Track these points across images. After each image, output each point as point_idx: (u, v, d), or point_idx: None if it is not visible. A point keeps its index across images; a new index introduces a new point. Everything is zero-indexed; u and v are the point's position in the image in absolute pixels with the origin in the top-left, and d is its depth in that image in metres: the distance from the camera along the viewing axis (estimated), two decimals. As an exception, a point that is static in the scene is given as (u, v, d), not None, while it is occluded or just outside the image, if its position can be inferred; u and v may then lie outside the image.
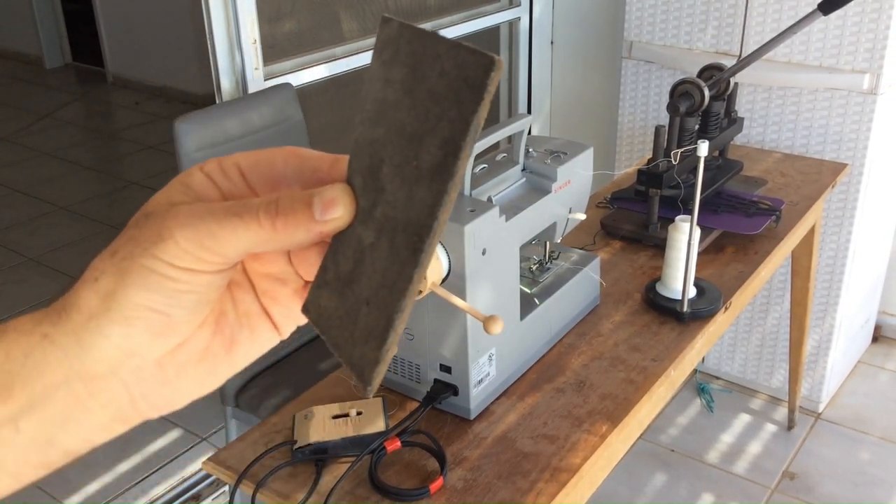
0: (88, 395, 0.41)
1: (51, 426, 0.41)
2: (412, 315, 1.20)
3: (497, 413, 1.24)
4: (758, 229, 1.73)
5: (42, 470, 0.42)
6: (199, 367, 0.45)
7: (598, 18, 2.91)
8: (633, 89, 2.55)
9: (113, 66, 6.17)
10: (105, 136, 5.34)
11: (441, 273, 1.13)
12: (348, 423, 1.16)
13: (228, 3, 1.91)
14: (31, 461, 0.41)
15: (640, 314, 1.49)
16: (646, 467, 2.34)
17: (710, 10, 2.32)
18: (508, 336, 1.26)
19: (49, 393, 0.40)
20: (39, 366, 0.40)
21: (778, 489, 2.25)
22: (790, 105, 2.27)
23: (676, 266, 1.48)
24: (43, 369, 0.40)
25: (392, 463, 1.13)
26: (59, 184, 4.45)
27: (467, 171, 1.18)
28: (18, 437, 0.40)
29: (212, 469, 1.15)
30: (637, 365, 1.34)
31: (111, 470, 2.39)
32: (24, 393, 0.40)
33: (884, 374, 2.72)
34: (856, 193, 2.24)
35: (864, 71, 2.12)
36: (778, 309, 2.47)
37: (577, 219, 1.43)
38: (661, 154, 1.71)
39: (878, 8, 2.06)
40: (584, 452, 1.15)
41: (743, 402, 2.59)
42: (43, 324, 0.42)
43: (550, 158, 1.35)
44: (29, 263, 3.59)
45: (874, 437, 2.44)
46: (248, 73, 1.98)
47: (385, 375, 1.27)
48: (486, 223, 1.14)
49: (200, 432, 2.53)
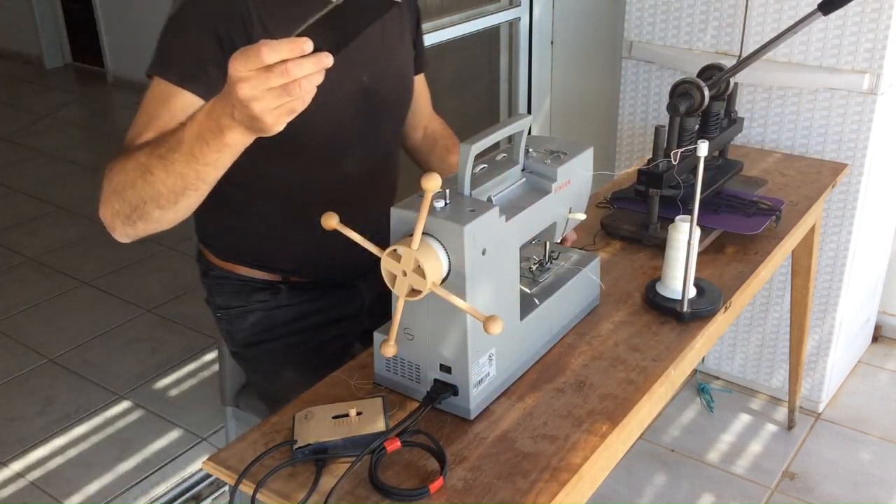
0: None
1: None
2: (412, 315, 1.20)
3: (497, 413, 1.24)
4: (758, 229, 1.73)
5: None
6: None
7: (598, 18, 2.91)
8: (633, 89, 2.55)
9: (113, 66, 6.18)
10: (105, 136, 5.34)
11: (441, 273, 1.13)
12: (348, 423, 1.16)
13: (228, 3, 1.91)
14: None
15: (640, 314, 1.49)
16: (646, 467, 2.34)
17: (710, 10, 2.32)
18: (508, 336, 1.26)
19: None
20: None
21: (778, 489, 2.25)
22: (790, 105, 2.27)
23: (676, 266, 1.48)
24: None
25: (392, 463, 1.13)
26: (59, 184, 4.45)
27: (467, 171, 1.18)
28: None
29: (212, 469, 1.15)
30: (637, 365, 1.34)
31: (111, 470, 2.39)
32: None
33: (884, 374, 2.72)
34: (856, 193, 2.24)
35: (864, 71, 2.12)
36: (778, 309, 2.47)
37: (577, 219, 1.43)
38: (661, 154, 1.71)
39: (878, 8, 2.06)
40: (584, 452, 1.15)
41: (743, 402, 2.59)
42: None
43: (550, 158, 1.35)
44: (29, 263, 3.59)
45: (874, 437, 2.44)
46: (248, 73, 1.97)
47: (385, 375, 1.28)
48: (486, 223, 1.14)
49: (200, 432, 2.53)
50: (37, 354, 2.94)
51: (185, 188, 1.09)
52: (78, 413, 2.63)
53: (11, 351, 2.96)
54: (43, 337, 3.04)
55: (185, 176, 1.07)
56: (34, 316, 3.19)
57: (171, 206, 1.13)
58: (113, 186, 1.16)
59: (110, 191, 1.17)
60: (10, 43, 6.78)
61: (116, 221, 1.19)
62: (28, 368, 2.86)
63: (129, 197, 1.14)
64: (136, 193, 1.13)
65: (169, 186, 1.09)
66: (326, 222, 1.17)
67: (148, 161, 1.10)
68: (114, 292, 3.34)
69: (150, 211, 1.14)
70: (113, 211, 1.18)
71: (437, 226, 1.12)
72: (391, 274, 1.13)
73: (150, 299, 3.27)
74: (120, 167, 1.15)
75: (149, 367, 2.86)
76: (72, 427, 2.57)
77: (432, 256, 1.11)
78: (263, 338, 1.60)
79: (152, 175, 1.09)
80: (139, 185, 1.12)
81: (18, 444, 2.50)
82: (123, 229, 1.21)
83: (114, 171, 1.16)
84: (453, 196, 1.17)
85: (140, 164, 1.11)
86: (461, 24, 2.70)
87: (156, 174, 1.09)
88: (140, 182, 1.12)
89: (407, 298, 1.13)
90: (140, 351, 2.95)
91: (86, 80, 6.37)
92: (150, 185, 1.11)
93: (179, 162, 1.06)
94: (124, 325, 3.11)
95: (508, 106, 3.14)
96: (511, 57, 3.05)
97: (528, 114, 2.47)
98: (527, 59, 3.02)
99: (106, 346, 2.98)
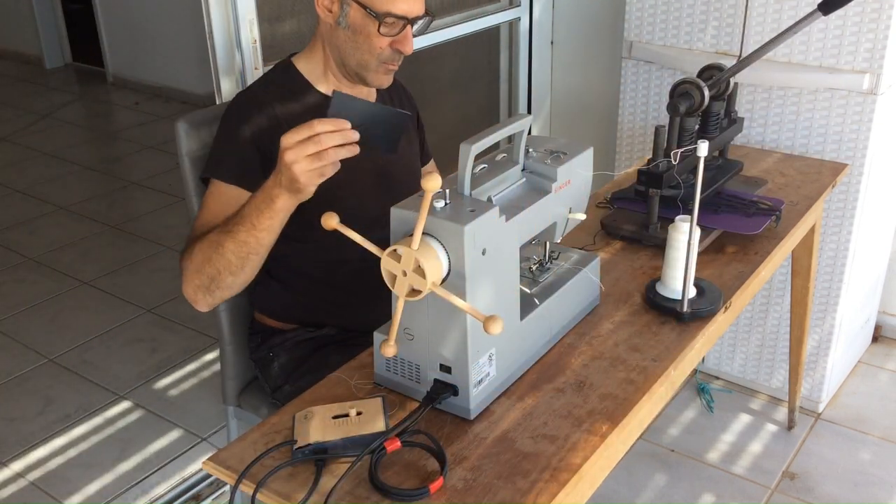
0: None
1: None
2: (412, 315, 1.20)
3: (497, 413, 1.24)
4: (758, 229, 1.73)
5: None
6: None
7: (598, 18, 2.91)
8: (633, 89, 2.55)
9: (113, 66, 6.18)
10: (105, 136, 5.35)
11: (441, 273, 1.13)
12: (348, 423, 1.16)
13: (228, 3, 1.91)
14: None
15: (640, 314, 1.49)
16: (646, 467, 2.34)
17: (710, 10, 2.32)
18: (508, 336, 1.26)
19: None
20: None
21: (778, 489, 2.25)
22: (790, 105, 2.27)
23: (676, 266, 1.48)
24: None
25: (392, 463, 1.13)
26: (59, 184, 4.45)
27: (467, 171, 1.18)
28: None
29: (212, 469, 1.15)
30: (637, 365, 1.34)
31: (111, 470, 2.39)
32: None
33: (884, 374, 2.72)
34: (856, 193, 2.24)
35: (864, 71, 2.12)
36: (778, 309, 2.47)
37: (577, 219, 1.43)
38: (661, 154, 1.71)
39: (878, 8, 2.06)
40: (584, 452, 1.15)
41: (743, 402, 2.59)
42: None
43: (550, 158, 1.35)
44: (29, 263, 3.59)
45: (874, 437, 2.44)
46: (248, 73, 1.98)
47: (385, 375, 1.28)
48: (486, 223, 1.14)
49: (200, 432, 2.53)
50: (37, 354, 2.94)
51: (249, 253, 1.38)
52: (78, 413, 2.63)
53: (11, 351, 2.96)
54: (43, 337, 3.04)
55: (248, 243, 1.37)
56: (34, 316, 3.19)
57: (240, 271, 1.41)
58: (193, 266, 1.43)
59: (192, 270, 1.44)
60: (10, 43, 6.78)
61: (199, 294, 1.46)
62: (28, 368, 2.86)
63: (207, 270, 1.42)
64: (212, 266, 1.41)
65: (236, 254, 1.38)
66: (327, 222, 1.18)
67: (218, 237, 1.40)
68: (114, 292, 3.34)
69: (224, 278, 1.42)
70: (195, 286, 1.45)
71: (437, 226, 1.12)
72: (391, 274, 1.13)
73: (150, 299, 3.27)
74: (197, 249, 1.43)
75: (149, 367, 2.86)
76: (72, 427, 2.57)
77: (432, 256, 1.11)
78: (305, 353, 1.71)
79: (223, 248, 1.39)
80: (214, 259, 1.40)
81: (18, 444, 2.50)
82: (205, 299, 1.47)
83: (192, 253, 1.44)
84: (453, 196, 1.17)
85: (212, 241, 1.40)
86: (461, 24, 2.70)
87: (226, 246, 1.38)
88: (214, 255, 1.40)
89: (407, 298, 1.13)
90: (140, 351, 2.95)
91: (86, 80, 6.37)
92: (221, 255, 1.39)
93: (242, 231, 1.36)
94: (124, 325, 3.11)
95: (508, 106, 3.14)
96: (511, 57, 3.05)
97: (528, 114, 2.48)
98: (527, 59, 3.02)
99: (106, 346, 2.98)
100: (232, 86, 1.98)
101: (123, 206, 4.20)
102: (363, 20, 1.52)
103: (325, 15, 1.56)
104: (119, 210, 4.15)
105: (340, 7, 1.53)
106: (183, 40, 5.51)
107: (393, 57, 1.57)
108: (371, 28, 1.52)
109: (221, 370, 1.82)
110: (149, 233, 3.85)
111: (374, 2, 1.50)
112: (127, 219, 4.02)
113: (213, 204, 1.52)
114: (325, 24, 1.58)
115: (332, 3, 1.54)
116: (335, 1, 1.53)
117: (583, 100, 3.06)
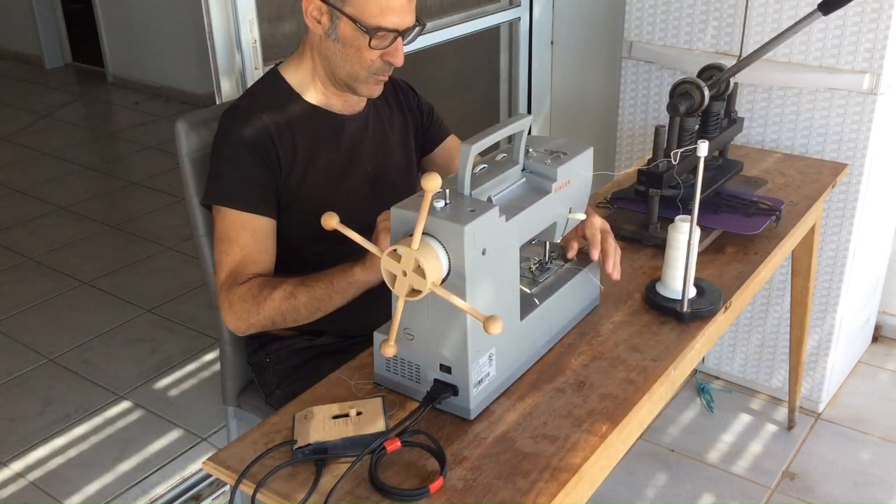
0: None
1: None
2: (412, 315, 1.20)
3: (497, 413, 1.24)
4: (758, 229, 1.73)
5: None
6: None
7: (598, 18, 2.91)
8: (633, 89, 2.55)
9: (113, 66, 6.18)
10: (105, 136, 5.35)
11: (441, 273, 1.13)
12: (348, 423, 1.16)
13: (228, 3, 1.91)
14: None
15: (640, 314, 1.49)
16: (646, 467, 2.34)
17: (710, 10, 2.32)
18: (508, 336, 1.26)
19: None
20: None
21: (778, 489, 2.25)
22: (790, 105, 2.27)
23: (676, 266, 1.48)
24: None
25: (392, 463, 1.13)
26: (59, 184, 4.45)
27: (467, 171, 1.18)
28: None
29: (212, 469, 1.15)
30: (637, 365, 1.34)
31: (111, 470, 2.39)
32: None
33: (884, 374, 2.72)
34: (856, 193, 2.24)
35: (864, 71, 2.12)
36: (778, 309, 2.47)
37: (577, 219, 1.43)
38: (661, 154, 1.71)
39: (878, 8, 2.06)
40: (584, 452, 1.15)
41: (743, 402, 2.59)
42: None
43: (550, 158, 1.35)
44: (29, 263, 3.59)
45: (874, 437, 2.44)
46: (248, 74, 1.98)
47: (385, 375, 1.28)
48: (486, 223, 1.14)
49: (200, 432, 2.53)
50: (37, 354, 2.94)
51: (318, 309, 1.45)
52: (78, 413, 2.63)
53: (11, 351, 2.96)
54: (43, 337, 3.04)
55: (322, 299, 1.44)
56: (34, 316, 3.19)
57: (303, 320, 1.47)
58: (258, 309, 1.46)
59: (251, 311, 1.47)
60: (10, 43, 6.78)
61: (249, 329, 1.50)
62: (28, 368, 2.86)
63: (273, 317, 1.46)
64: (281, 315, 1.46)
65: (307, 305, 1.44)
66: (327, 222, 1.17)
67: (294, 289, 1.45)
68: (114, 292, 3.34)
69: (280, 324, 1.48)
70: (249, 324, 1.48)
71: (437, 226, 1.12)
72: (391, 274, 1.13)
73: (150, 299, 3.27)
74: (267, 296, 1.46)
75: (149, 367, 2.86)
76: (72, 427, 2.57)
77: (432, 256, 1.11)
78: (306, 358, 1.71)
79: (295, 298, 1.44)
80: (284, 309, 1.45)
81: (18, 444, 2.50)
82: (248, 331, 1.51)
83: (259, 299, 1.46)
84: (453, 196, 1.17)
85: (287, 292, 1.45)
86: (461, 24, 2.69)
87: (298, 297, 1.44)
88: (285, 305, 1.45)
89: (407, 298, 1.13)
90: (140, 351, 2.95)
91: (86, 80, 6.37)
92: (287, 302, 1.45)
93: (319, 288, 1.43)
94: (124, 325, 3.11)
95: (508, 106, 3.14)
96: (511, 57, 3.05)
97: (528, 114, 2.48)
98: (527, 59, 3.02)
99: (106, 346, 2.98)
100: (232, 86, 1.97)
101: (123, 206, 4.20)
102: (353, 33, 1.50)
103: (314, 26, 1.53)
104: (119, 210, 4.15)
105: (330, 19, 1.50)
106: (183, 40, 5.51)
107: (383, 68, 1.55)
108: (361, 42, 1.50)
109: (221, 370, 1.82)
110: (149, 233, 3.85)
111: (365, 16, 1.47)
112: (127, 219, 4.02)
113: (237, 235, 1.52)
114: (314, 35, 1.56)
115: (322, 14, 1.51)
116: (324, 12, 1.51)
117: (583, 100, 3.06)
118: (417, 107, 1.82)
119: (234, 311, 1.48)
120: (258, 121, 1.54)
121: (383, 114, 1.74)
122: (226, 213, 1.53)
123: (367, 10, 1.47)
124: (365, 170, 1.67)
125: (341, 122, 1.65)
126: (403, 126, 1.78)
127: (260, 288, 1.47)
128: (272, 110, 1.57)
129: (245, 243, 1.51)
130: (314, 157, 1.60)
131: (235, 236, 1.51)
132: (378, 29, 1.48)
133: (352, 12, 1.48)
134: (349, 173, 1.65)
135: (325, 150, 1.62)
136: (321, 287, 1.44)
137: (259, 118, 1.55)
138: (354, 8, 1.48)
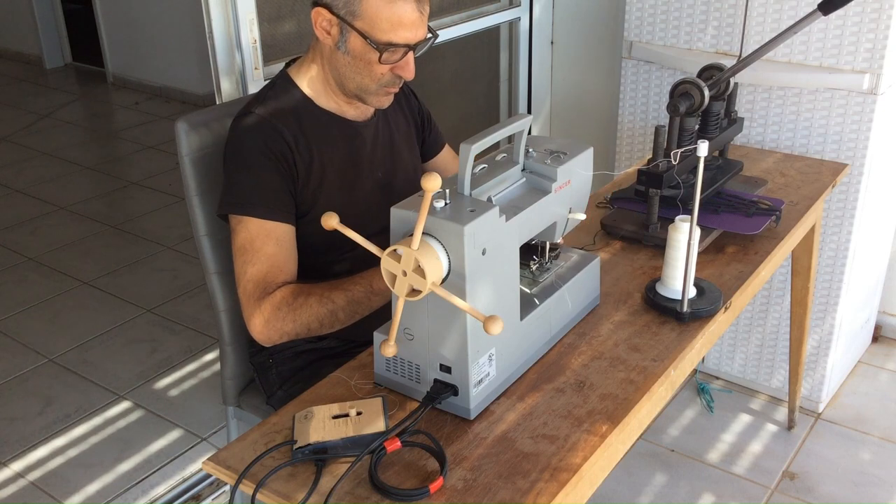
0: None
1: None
2: (412, 315, 1.20)
3: (497, 413, 1.24)
4: (758, 229, 1.73)
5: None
6: None
7: (598, 18, 2.91)
8: (633, 89, 2.55)
9: (113, 66, 6.18)
10: (105, 136, 5.34)
11: (441, 273, 1.13)
12: (348, 423, 1.16)
13: (228, 3, 1.91)
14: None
15: (640, 314, 1.49)
16: (646, 467, 2.34)
17: (710, 10, 2.32)
18: (508, 336, 1.26)
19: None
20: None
21: (778, 489, 2.25)
22: (790, 105, 2.27)
23: (676, 266, 1.48)
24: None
25: (392, 463, 1.13)
26: (59, 184, 4.45)
27: (467, 171, 1.18)
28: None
29: (212, 469, 1.15)
30: (637, 365, 1.34)
31: (111, 470, 2.39)
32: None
33: (884, 374, 2.72)
34: (856, 193, 2.24)
35: (864, 71, 2.12)
36: (778, 309, 2.47)
37: (577, 219, 1.43)
38: (661, 154, 1.71)
39: (878, 8, 2.06)
40: (584, 452, 1.15)
41: (743, 402, 2.59)
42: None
43: (550, 158, 1.35)
44: (29, 263, 3.59)
45: (874, 437, 2.44)
46: (248, 74, 1.98)
47: (385, 375, 1.28)
48: (486, 223, 1.14)
49: (200, 432, 2.53)
50: (37, 354, 2.94)
51: (356, 312, 1.45)
52: (78, 413, 2.63)
53: (11, 351, 2.96)
54: (43, 337, 3.04)
55: (360, 301, 1.44)
56: (34, 316, 3.19)
57: (340, 325, 1.46)
58: (293, 317, 1.44)
59: (287, 319, 1.44)
60: (10, 43, 6.78)
61: (281, 338, 1.47)
62: (28, 368, 2.86)
63: (311, 324, 1.45)
64: (318, 321, 1.44)
65: (345, 309, 1.44)
66: (327, 222, 1.17)
67: (331, 293, 1.44)
68: (114, 292, 3.34)
69: (316, 330, 1.46)
70: (282, 332, 1.46)
71: (437, 226, 1.12)
72: (391, 274, 1.13)
73: (150, 299, 3.27)
74: (302, 303, 1.44)
75: (149, 367, 2.86)
76: (72, 427, 2.57)
77: (432, 256, 1.11)
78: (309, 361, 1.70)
79: (333, 303, 1.44)
80: (322, 316, 1.44)
81: (18, 444, 2.50)
82: (280, 340, 1.48)
83: (294, 306, 1.44)
84: (453, 196, 1.17)
85: (322, 295, 1.44)
86: (461, 24, 2.70)
87: (336, 301, 1.44)
88: (322, 310, 1.43)
89: (407, 298, 1.13)
90: (140, 351, 2.95)
91: (86, 80, 6.37)
92: (325, 307, 1.43)
93: (357, 290, 1.44)
94: (124, 325, 3.11)
95: (508, 106, 3.14)
96: (511, 57, 3.05)
97: (528, 114, 2.48)
98: (527, 59, 3.02)
99: (106, 346, 2.98)
100: (232, 86, 1.98)
101: (123, 206, 4.20)
102: (363, 48, 1.46)
103: (323, 38, 1.50)
104: (119, 210, 4.15)
105: (340, 32, 1.47)
106: (183, 40, 5.51)
107: (394, 81, 1.52)
108: (372, 56, 1.47)
109: (221, 370, 1.82)
110: (149, 233, 3.85)
111: (375, 31, 1.44)
112: (127, 219, 4.02)
113: (263, 243, 1.48)
114: (324, 45, 1.52)
115: (332, 26, 1.48)
116: (334, 25, 1.47)
117: (583, 100, 3.06)
118: (418, 111, 1.81)
119: (267, 322, 1.45)
120: (275, 128, 1.51)
121: (391, 118, 1.72)
122: (248, 223, 1.48)
123: (377, 26, 1.44)
124: (377, 177, 1.66)
125: (355, 130, 1.62)
126: (408, 129, 1.77)
127: (294, 295, 1.45)
128: (288, 118, 1.54)
129: (272, 252, 1.48)
130: (330, 166, 1.57)
131: (261, 245, 1.48)
132: (389, 45, 1.45)
133: (362, 27, 1.44)
134: (362, 181, 1.63)
135: (339, 158, 1.59)
136: (359, 289, 1.43)
137: (275, 126, 1.51)
138: (365, 22, 1.44)
